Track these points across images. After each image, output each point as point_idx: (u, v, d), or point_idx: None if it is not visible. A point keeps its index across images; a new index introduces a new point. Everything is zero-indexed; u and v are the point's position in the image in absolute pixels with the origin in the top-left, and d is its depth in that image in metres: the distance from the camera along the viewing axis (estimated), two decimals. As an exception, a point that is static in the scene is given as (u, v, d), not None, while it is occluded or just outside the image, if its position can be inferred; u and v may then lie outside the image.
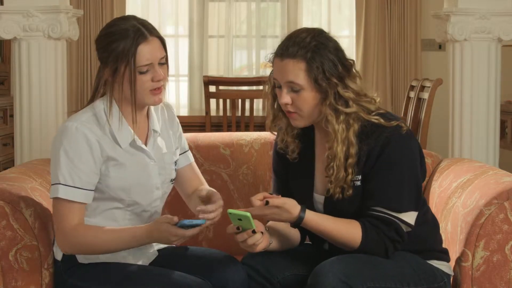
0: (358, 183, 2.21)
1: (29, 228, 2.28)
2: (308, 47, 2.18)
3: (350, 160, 2.19)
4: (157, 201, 2.36)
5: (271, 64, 2.28)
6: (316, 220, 2.19)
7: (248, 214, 2.11)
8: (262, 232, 2.21)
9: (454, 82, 3.67)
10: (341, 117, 2.19)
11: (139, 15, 2.33)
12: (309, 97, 2.20)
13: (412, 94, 4.91)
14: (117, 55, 2.19)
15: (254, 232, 2.15)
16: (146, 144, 2.32)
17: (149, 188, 2.31)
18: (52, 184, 2.22)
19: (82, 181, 2.20)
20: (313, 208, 2.29)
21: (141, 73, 2.20)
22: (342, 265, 2.10)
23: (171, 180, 2.39)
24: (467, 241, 2.28)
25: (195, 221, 2.13)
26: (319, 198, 2.31)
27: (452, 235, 2.38)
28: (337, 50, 2.22)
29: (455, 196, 2.47)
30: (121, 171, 2.25)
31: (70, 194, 2.19)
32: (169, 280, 2.18)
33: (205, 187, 2.44)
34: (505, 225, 2.27)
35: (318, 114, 2.23)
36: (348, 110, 2.19)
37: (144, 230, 2.17)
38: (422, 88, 4.73)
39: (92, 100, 2.30)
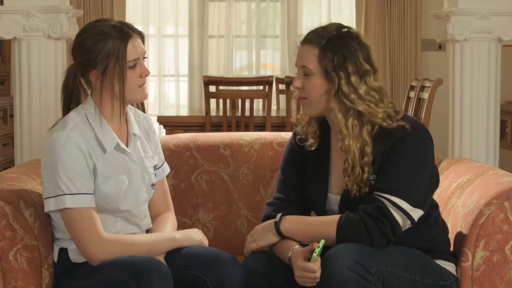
0: (373, 182, 2.23)
1: (29, 228, 2.28)
2: (325, 36, 2.24)
3: (366, 159, 2.21)
4: (145, 204, 2.37)
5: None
6: (291, 226, 2.28)
7: (323, 240, 2.15)
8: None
9: (454, 82, 3.67)
10: (350, 112, 2.22)
11: (139, 15, 2.36)
12: (317, 84, 2.24)
13: (412, 94, 4.90)
14: (106, 54, 2.21)
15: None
16: (127, 147, 2.33)
17: (134, 191, 2.31)
18: (50, 197, 2.20)
19: (84, 186, 2.20)
20: (325, 210, 2.33)
21: (130, 68, 2.24)
22: (356, 247, 2.12)
23: (152, 185, 2.39)
24: (467, 241, 2.28)
25: None
26: (334, 198, 2.32)
27: (452, 235, 2.37)
28: (356, 50, 2.23)
29: (455, 196, 2.47)
30: (106, 183, 2.24)
31: (78, 202, 2.18)
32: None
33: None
34: (505, 225, 2.27)
35: (326, 104, 2.25)
36: (350, 104, 2.20)
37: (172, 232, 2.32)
38: (422, 88, 4.73)
39: (67, 109, 2.30)
